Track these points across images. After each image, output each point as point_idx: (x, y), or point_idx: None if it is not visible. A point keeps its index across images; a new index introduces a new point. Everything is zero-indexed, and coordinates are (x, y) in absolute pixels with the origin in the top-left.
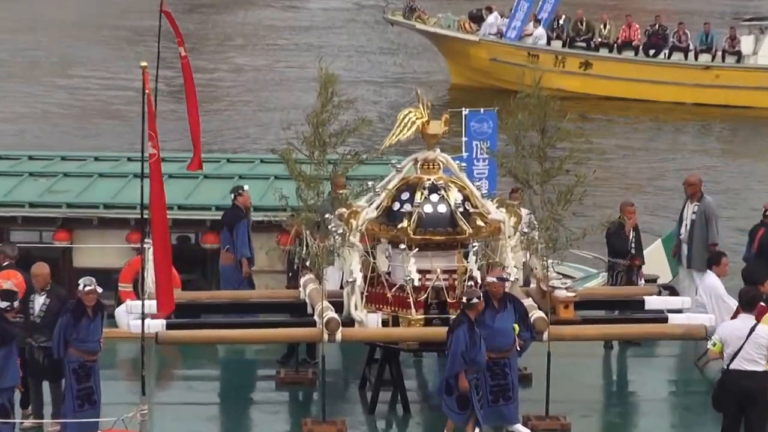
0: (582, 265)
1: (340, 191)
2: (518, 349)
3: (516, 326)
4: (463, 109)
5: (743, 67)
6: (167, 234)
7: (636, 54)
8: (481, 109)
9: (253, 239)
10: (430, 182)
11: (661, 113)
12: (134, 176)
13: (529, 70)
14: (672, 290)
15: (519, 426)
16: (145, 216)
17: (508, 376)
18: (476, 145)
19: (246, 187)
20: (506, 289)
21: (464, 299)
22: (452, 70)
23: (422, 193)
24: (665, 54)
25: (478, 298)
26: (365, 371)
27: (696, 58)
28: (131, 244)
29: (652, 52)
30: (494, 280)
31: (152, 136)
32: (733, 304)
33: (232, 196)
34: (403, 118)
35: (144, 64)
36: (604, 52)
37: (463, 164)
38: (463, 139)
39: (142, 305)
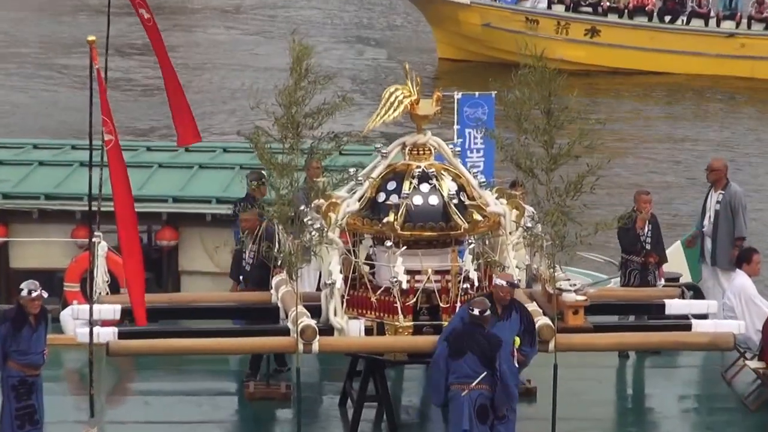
0: (589, 270)
1: (317, 179)
2: (517, 364)
3: (517, 339)
4: (456, 92)
5: None
6: (136, 232)
7: (650, 20)
8: (476, 93)
9: (217, 235)
10: (420, 170)
11: (679, 88)
12: (81, 164)
13: (528, 38)
14: (697, 291)
15: None
16: (97, 208)
17: None
18: (470, 133)
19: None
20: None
21: (476, 310)
22: (439, 39)
23: (411, 183)
24: (683, 20)
25: (490, 309)
26: (346, 385)
27: (718, 24)
28: (78, 240)
29: (668, 18)
30: (504, 283)
31: (106, 121)
32: (766, 307)
33: (255, 183)
34: (389, 97)
35: (91, 38)
36: (613, 17)
37: (458, 149)
38: (455, 126)
39: (91, 310)
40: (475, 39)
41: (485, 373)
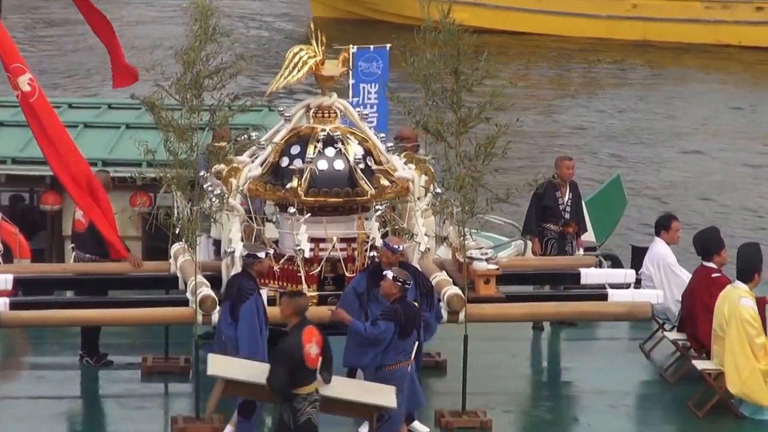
0: (491, 233)
1: (221, 144)
2: None
3: (415, 304)
4: (351, 46)
5: None
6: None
7: None
8: (371, 47)
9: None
10: (326, 133)
11: (568, 51)
12: None
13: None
14: (615, 261)
15: (417, 424)
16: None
17: None
18: (364, 88)
19: None
20: (413, 261)
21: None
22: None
23: (316, 147)
24: None
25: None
26: None
27: None
28: None
29: None
30: (382, 246)
31: (19, 69)
32: (686, 276)
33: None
34: (293, 57)
35: None
36: None
37: (366, 112)
38: (350, 81)
39: None
40: None
41: (417, 342)
